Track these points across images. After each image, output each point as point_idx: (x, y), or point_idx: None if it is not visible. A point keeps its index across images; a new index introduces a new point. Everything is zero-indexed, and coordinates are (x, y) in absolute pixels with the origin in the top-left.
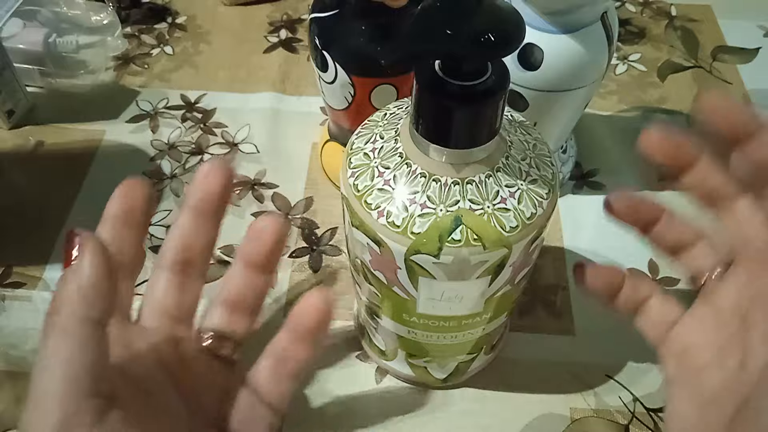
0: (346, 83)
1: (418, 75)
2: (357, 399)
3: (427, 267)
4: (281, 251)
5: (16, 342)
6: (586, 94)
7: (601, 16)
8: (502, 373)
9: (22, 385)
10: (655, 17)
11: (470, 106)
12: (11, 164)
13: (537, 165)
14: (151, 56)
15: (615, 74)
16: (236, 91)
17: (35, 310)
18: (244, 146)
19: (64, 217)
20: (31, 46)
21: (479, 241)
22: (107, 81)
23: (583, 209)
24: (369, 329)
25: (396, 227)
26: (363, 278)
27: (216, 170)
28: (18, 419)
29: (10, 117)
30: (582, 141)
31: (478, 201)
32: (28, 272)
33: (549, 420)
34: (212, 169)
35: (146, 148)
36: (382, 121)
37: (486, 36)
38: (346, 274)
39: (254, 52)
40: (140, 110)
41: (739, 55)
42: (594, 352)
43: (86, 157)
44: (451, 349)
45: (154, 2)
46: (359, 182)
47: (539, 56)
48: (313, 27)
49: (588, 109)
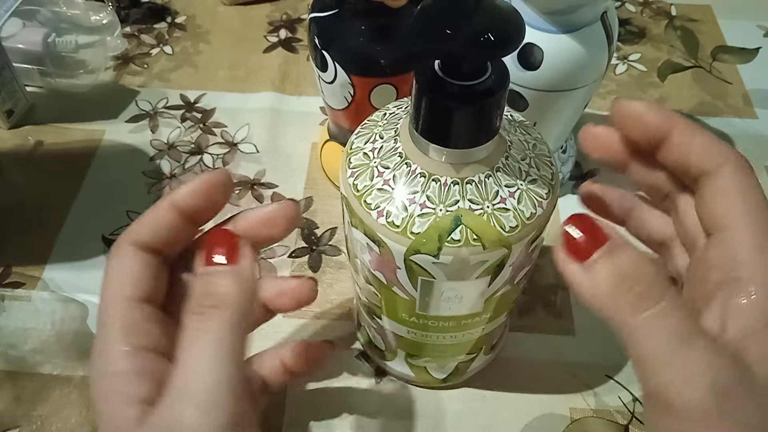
0: (345, 83)
1: (417, 75)
2: (357, 399)
3: (427, 267)
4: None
5: (16, 342)
6: (586, 94)
7: (601, 15)
8: (502, 373)
9: (22, 385)
10: (655, 17)
11: (470, 106)
12: (11, 164)
13: (537, 165)
14: (150, 56)
15: (615, 74)
16: (236, 91)
17: (35, 310)
18: (244, 146)
19: (64, 217)
20: (30, 45)
21: (479, 241)
22: (107, 81)
23: (583, 209)
24: (369, 329)
25: (395, 227)
26: (362, 278)
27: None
28: (18, 419)
29: (9, 117)
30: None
31: (478, 201)
32: (28, 272)
33: (549, 420)
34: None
35: (146, 148)
36: (381, 121)
37: (486, 36)
38: (346, 274)
39: (254, 52)
40: (140, 110)
41: (739, 55)
42: (594, 352)
43: (86, 157)
44: (451, 349)
45: (154, 2)
46: (359, 182)
47: (539, 56)
48: (312, 27)
49: (588, 109)
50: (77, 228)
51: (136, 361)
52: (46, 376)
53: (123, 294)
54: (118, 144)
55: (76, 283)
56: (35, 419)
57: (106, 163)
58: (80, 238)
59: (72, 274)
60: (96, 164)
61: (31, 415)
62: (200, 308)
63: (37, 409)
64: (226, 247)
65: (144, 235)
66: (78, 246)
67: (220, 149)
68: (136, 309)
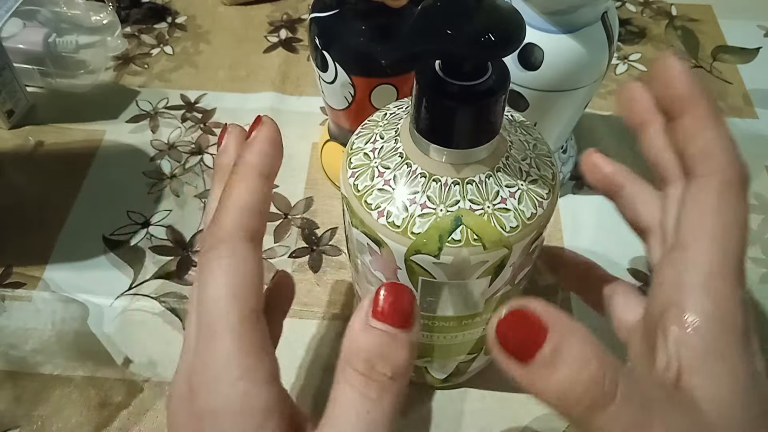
0: (346, 83)
1: (418, 75)
2: None
3: (427, 267)
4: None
5: (16, 342)
6: (587, 94)
7: (601, 15)
8: (502, 373)
9: (23, 385)
10: (655, 17)
11: (470, 106)
12: (11, 164)
13: (537, 165)
14: (150, 56)
15: (615, 74)
16: (236, 91)
17: (36, 310)
18: None
19: (64, 217)
20: (30, 46)
21: (479, 241)
22: (107, 81)
23: (583, 209)
24: None
25: (396, 227)
26: (363, 278)
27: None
28: (18, 419)
29: (10, 117)
30: (582, 141)
31: (479, 201)
32: (28, 272)
33: (549, 420)
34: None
35: (146, 148)
36: (382, 121)
37: (486, 36)
38: (346, 274)
39: (254, 52)
40: (140, 110)
41: (739, 55)
42: None
43: (86, 157)
44: (451, 349)
45: (154, 2)
46: (359, 182)
47: (539, 56)
48: (313, 27)
49: (588, 109)
50: (78, 228)
51: (270, 396)
52: (47, 376)
53: (240, 309)
54: (119, 144)
55: (77, 283)
56: (36, 419)
57: (106, 163)
58: (81, 238)
59: (73, 274)
60: (96, 164)
61: (32, 415)
62: (374, 373)
63: (38, 409)
64: (403, 305)
65: (255, 223)
66: (79, 246)
67: None
68: (258, 330)
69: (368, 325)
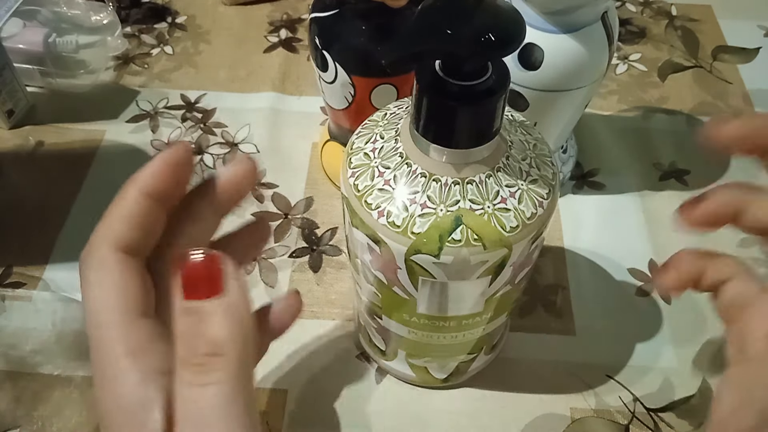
0: (346, 83)
1: (418, 75)
2: (357, 399)
3: (428, 267)
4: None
5: (16, 342)
6: (587, 94)
7: (601, 15)
8: (502, 373)
9: (22, 385)
10: (655, 17)
11: (470, 106)
12: (11, 164)
13: (537, 165)
14: (151, 56)
15: (615, 74)
16: (236, 91)
17: (36, 310)
18: (244, 146)
19: (64, 217)
20: (31, 46)
21: (479, 241)
22: (107, 81)
23: (584, 209)
24: (369, 329)
25: (396, 227)
26: (363, 278)
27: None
28: (18, 419)
29: (10, 117)
30: (582, 141)
31: (479, 201)
32: (28, 272)
33: (549, 420)
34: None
35: (146, 148)
36: (382, 121)
37: (486, 36)
38: (346, 274)
39: (254, 52)
40: (140, 110)
41: (739, 55)
42: (594, 352)
43: (86, 157)
44: (451, 349)
45: (154, 2)
46: (359, 182)
47: (539, 56)
48: (313, 27)
49: (588, 109)
50: (78, 228)
51: (150, 390)
52: (47, 377)
53: (118, 311)
54: (119, 144)
55: (77, 283)
56: (36, 419)
57: (106, 163)
58: (81, 238)
59: (73, 274)
60: (96, 164)
61: (32, 415)
62: (196, 358)
63: (38, 409)
64: (206, 271)
65: (123, 234)
66: (79, 246)
67: (220, 149)
68: (137, 328)
69: (179, 308)
